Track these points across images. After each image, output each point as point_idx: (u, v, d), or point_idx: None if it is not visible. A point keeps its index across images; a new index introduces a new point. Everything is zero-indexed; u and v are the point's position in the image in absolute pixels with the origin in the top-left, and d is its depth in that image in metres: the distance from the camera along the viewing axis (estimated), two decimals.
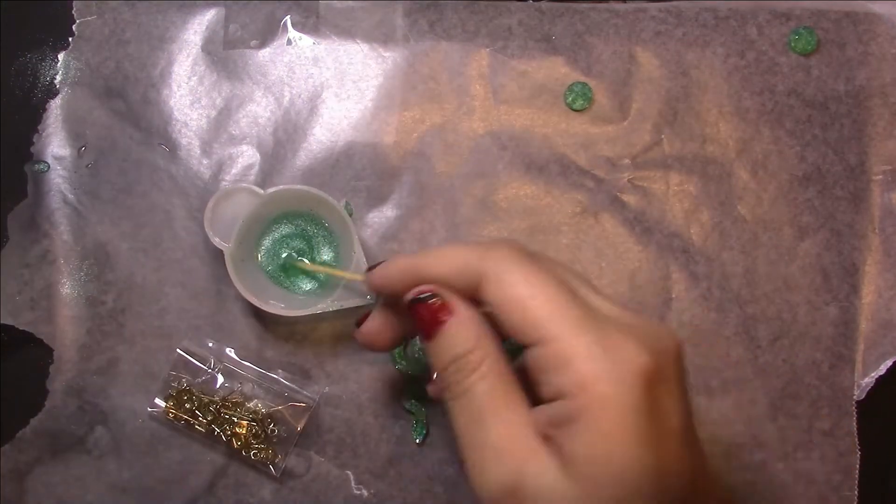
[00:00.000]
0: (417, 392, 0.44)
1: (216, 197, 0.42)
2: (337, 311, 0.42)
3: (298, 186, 0.43)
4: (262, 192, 0.42)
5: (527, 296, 0.29)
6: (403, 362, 0.44)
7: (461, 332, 0.31)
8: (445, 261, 0.32)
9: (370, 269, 0.36)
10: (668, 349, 0.29)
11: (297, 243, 0.45)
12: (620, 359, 0.28)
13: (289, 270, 0.44)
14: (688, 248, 0.45)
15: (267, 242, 0.45)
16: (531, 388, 0.30)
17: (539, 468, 0.28)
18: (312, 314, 0.41)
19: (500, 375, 0.30)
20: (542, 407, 0.29)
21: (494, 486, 0.29)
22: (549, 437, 0.28)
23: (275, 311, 0.41)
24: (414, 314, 0.32)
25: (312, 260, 0.44)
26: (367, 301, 0.41)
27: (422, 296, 0.32)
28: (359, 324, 0.39)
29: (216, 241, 0.41)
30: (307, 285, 0.44)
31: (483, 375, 0.30)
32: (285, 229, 0.45)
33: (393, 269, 0.34)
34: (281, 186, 0.42)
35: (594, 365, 0.27)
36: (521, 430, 0.29)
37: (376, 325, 0.38)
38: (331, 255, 0.45)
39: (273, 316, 0.42)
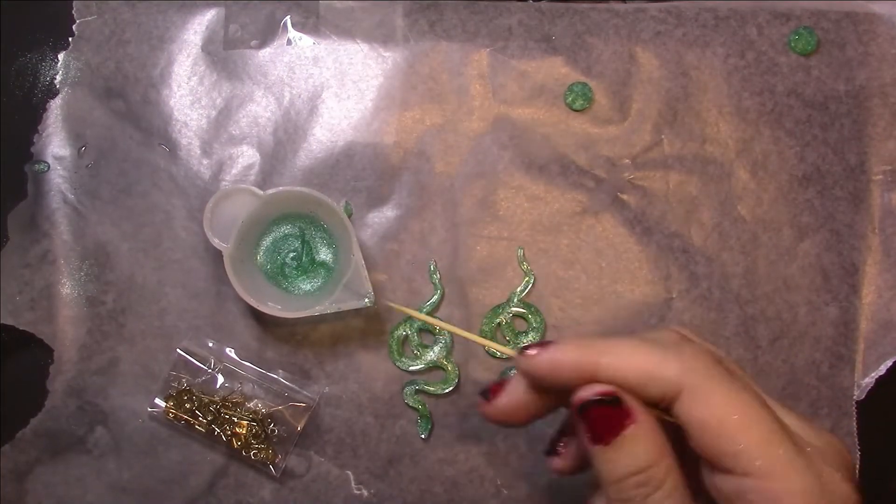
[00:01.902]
0: (419, 388, 0.44)
1: (215, 197, 0.42)
2: (335, 312, 0.41)
3: (298, 188, 0.43)
4: (261, 193, 0.42)
5: (737, 422, 0.28)
6: (403, 359, 0.44)
7: (644, 443, 0.28)
8: (633, 362, 0.29)
9: (526, 348, 0.31)
10: (853, 468, 0.30)
11: (296, 245, 0.45)
12: (835, 501, 0.27)
13: (286, 271, 0.44)
14: (688, 248, 0.45)
15: (266, 243, 0.44)
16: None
17: None
18: (311, 315, 0.41)
19: (684, 495, 0.28)
20: None
21: None
22: None
23: (273, 312, 0.41)
24: (586, 415, 0.29)
25: (312, 261, 0.44)
26: (365, 304, 0.41)
27: (601, 398, 0.29)
28: (486, 394, 0.34)
29: (215, 241, 0.41)
30: (306, 286, 0.44)
31: (669, 494, 0.28)
32: (284, 230, 0.45)
33: (566, 360, 0.30)
34: (281, 188, 0.42)
35: None
36: None
37: (513, 401, 0.33)
38: (329, 257, 0.45)
39: (273, 316, 0.42)
